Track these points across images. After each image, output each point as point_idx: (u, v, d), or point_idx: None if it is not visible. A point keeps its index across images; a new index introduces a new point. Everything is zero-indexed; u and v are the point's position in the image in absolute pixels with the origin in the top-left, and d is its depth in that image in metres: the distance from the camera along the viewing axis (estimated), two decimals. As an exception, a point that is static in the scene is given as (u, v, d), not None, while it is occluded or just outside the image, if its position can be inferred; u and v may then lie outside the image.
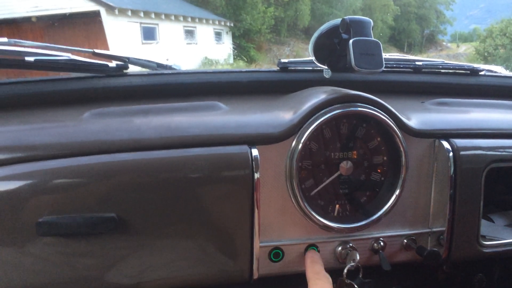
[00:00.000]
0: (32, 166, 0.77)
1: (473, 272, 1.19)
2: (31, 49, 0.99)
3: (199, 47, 17.41)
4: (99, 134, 0.83)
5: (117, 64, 1.03)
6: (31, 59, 0.94)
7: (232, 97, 1.07)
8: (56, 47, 1.04)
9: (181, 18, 16.62)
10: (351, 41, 0.82)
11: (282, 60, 1.13)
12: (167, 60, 1.14)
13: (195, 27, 17.74)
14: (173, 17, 16.00)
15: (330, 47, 0.92)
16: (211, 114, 0.94)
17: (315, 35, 0.93)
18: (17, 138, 0.82)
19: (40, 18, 12.13)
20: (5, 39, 0.98)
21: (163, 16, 15.37)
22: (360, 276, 0.91)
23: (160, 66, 1.14)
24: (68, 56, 0.99)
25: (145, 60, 1.12)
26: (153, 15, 14.84)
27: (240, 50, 20.52)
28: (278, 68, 1.14)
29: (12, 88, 0.97)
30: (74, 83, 1.00)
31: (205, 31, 18.47)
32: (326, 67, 0.98)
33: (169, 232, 0.82)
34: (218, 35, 19.79)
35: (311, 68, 1.14)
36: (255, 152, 0.84)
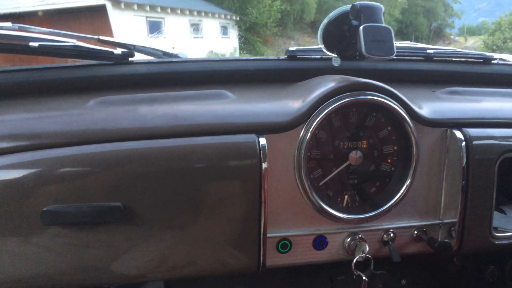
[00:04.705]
0: (37, 155, 0.77)
1: (485, 265, 1.17)
2: (36, 34, 0.97)
3: (205, 41, 17.37)
4: (105, 122, 0.82)
5: (122, 52, 1.01)
6: (35, 44, 0.92)
7: (239, 86, 1.06)
8: (61, 33, 1.02)
9: (187, 12, 16.59)
10: (361, 27, 0.80)
11: (290, 49, 1.11)
12: (173, 48, 1.12)
13: (201, 20, 17.70)
14: (179, 11, 15.97)
15: (340, 34, 0.90)
16: (218, 102, 0.92)
17: (324, 22, 0.91)
18: (21, 126, 0.81)
19: (46, 12, 12.17)
20: (9, 24, 0.96)
21: (169, 10, 15.35)
22: (372, 268, 0.90)
23: (166, 54, 1.12)
24: (74, 43, 0.97)
25: (151, 48, 1.10)
26: (159, 9, 14.82)
27: (246, 44, 20.45)
28: (286, 56, 1.12)
29: (16, 76, 0.96)
30: (79, 71, 0.99)
31: (211, 25, 18.41)
32: (335, 55, 0.96)
33: (176, 222, 0.81)
34: (224, 28, 19.73)
35: (319, 56, 1.12)
36: (262, 141, 0.82)
